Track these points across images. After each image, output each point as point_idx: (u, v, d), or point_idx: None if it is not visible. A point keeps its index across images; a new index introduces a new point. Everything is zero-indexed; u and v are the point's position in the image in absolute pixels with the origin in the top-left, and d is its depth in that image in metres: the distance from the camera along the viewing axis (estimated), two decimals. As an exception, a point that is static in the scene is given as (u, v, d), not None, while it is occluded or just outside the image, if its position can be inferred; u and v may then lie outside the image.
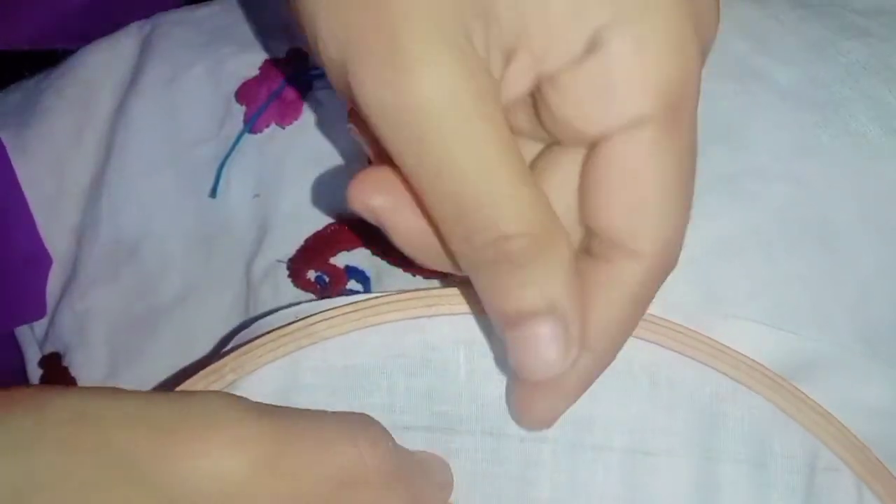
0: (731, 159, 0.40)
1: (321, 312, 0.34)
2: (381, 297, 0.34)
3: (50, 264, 0.49)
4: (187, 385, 0.33)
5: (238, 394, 0.33)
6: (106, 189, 0.47)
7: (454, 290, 0.34)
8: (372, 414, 0.33)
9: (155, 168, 0.47)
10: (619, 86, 0.26)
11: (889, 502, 0.35)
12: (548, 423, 0.31)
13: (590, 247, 0.29)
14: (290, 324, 0.34)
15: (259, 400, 0.33)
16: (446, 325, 0.34)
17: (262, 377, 0.33)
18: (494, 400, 0.33)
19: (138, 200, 0.47)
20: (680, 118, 0.26)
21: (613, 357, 0.30)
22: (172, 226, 0.46)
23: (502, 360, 0.34)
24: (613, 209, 0.27)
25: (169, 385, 0.33)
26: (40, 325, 0.48)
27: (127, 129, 0.47)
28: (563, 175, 0.28)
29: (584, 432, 0.34)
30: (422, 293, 0.34)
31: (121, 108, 0.48)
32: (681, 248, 0.29)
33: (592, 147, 0.27)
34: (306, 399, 0.33)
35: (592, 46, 0.25)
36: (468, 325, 0.34)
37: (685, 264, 0.38)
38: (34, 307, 0.48)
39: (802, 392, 0.35)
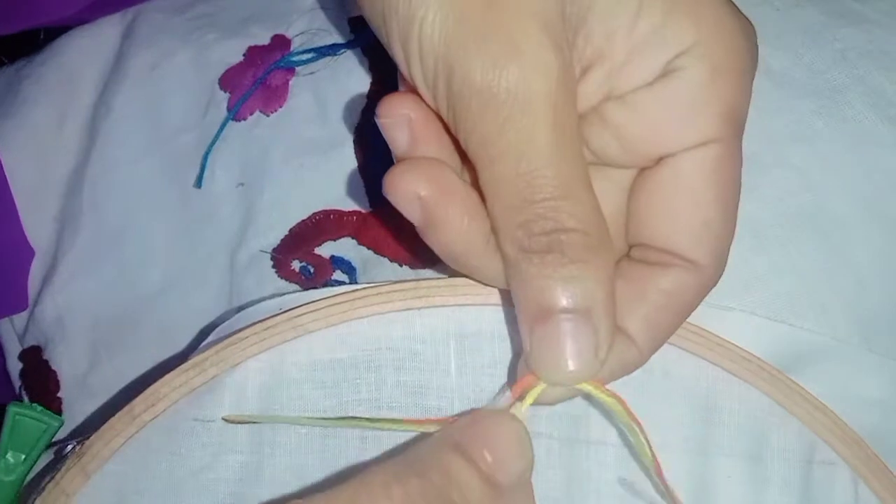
0: None
1: (306, 304, 0.31)
2: (368, 288, 0.32)
3: (32, 256, 0.47)
4: (165, 380, 0.31)
5: (221, 389, 0.31)
6: (88, 178, 0.45)
7: (444, 282, 0.32)
8: (358, 410, 0.31)
9: (138, 157, 0.45)
10: (694, 108, 0.27)
11: (884, 495, 0.33)
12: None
13: (636, 255, 0.30)
14: (273, 316, 0.31)
15: (241, 395, 0.31)
16: (436, 317, 0.32)
17: (245, 371, 0.31)
18: (487, 394, 0.31)
19: (121, 190, 0.45)
20: (740, 139, 0.28)
21: (649, 357, 0.30)
22: (155, 215, 0.44)
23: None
24: (679, 223, 0.28)
25: (149, 378, 0.31)
26: (20, 318, 0.45)
27: (109, 118, 0.45)
28: (604, 194, 0.29)
29: (579, 427, 0.32)
30: (410, 284, 0.32)
31: (103, 97, 0.46)
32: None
33: (649, 167, 0.29)
34: (291, 394, 0.31)
35: (669, 70, 0.27)
36: (459, 318, 0.32)
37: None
38: (16, 299, 0.46)
39: (799, 385, 0.33)
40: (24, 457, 0.32)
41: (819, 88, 0.39)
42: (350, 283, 0.38)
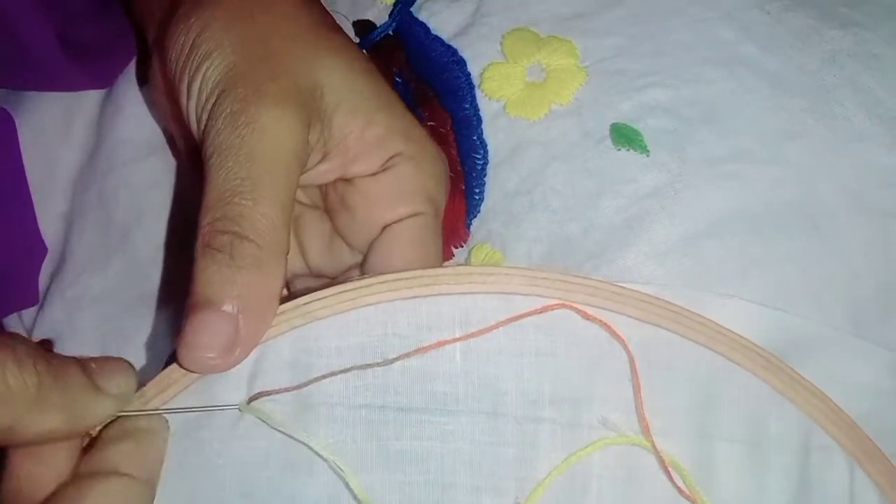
0: (719, 143, 0.39)
1: (314, 291, 0.31)
2: (375, 276, 0.31)
3: (45, 253, 0.46)
4: (176, 366, 0.30)
5: (230, 374, 0.30)
6: (96, 176, 0.45)
7: (449, 270, 0.31)
8: (366, 394, 0.30)
9: (145, 154, 0.44)
10: (405, 192, 0.35)
11: (879, 479, 0.33)
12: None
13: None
14: (282, 303, 0.31)
15: (250, 380, 0.30)
16: (442, 304, 0.31)
17: (253, 357, 0.30)
18: (490, 380, 0.31)
19: (129, 187, 0.44)
20: (439, 211, 0.36)
21: None
22: (162, 213, 0.44)
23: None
24: (396, 265, 0.34)
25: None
26: (28, 313, 0.45)
27: (117, 116, 0.45)
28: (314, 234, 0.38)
29: (581, 412, 0.31)
30: (417, 273, 0.31)
31: (111, 95, 0.45)
32: None
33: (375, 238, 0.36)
34: (299, 380, 0.30)
35: (387, 166, 0.35)
36: (464, 305, 0.31)
37: (677, 244, 0.37)
38: (27, 295, 0.46)
39: (797, 372, 0.32)
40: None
41: (810, 88, 0.40)
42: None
